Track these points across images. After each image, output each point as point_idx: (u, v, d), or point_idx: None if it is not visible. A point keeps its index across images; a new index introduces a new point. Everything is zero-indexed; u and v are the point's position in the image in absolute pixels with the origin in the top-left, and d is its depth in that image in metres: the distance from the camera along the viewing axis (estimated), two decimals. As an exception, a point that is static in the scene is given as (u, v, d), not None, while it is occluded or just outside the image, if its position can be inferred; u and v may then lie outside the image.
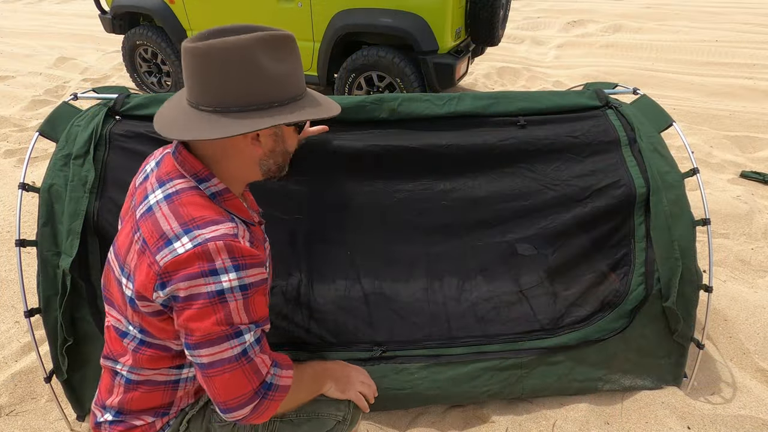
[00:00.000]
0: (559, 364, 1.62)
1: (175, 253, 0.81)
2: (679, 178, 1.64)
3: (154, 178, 0.93)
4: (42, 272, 1.48)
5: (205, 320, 0.81)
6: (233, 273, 0.82)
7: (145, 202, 0.90)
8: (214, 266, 0.81)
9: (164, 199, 0.87)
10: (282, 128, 0.95)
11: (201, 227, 0.83)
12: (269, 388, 0.89)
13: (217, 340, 0.83)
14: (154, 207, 0.87)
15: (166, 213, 0.85)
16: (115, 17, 4.44)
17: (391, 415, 1.67)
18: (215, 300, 0.81)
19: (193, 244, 0.81)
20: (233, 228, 0.86)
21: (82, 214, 1.49)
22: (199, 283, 0.81)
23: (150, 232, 0.85)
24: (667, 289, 1.56)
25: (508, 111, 1.84)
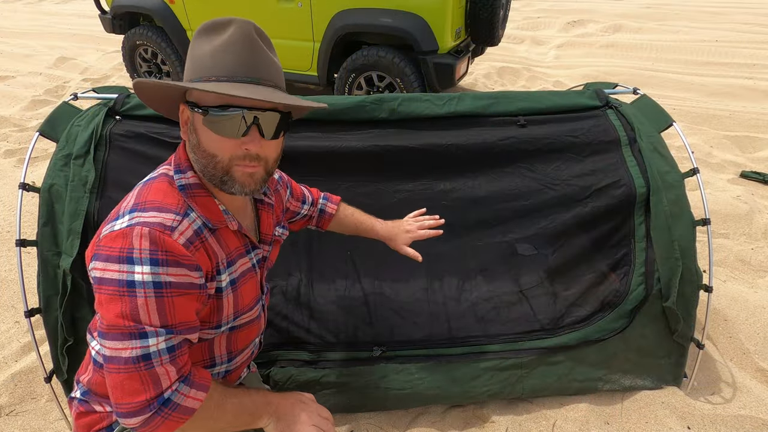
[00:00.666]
0: (559, 364, 1.62)
1: (111, 228, 0.80)
2: (679, 178, 1.64)
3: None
4: (42, 272, 1.48)
5: (110, 309, 0.77)
6: (148, 266, 0.77)
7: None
8: (132, 254, 0.77)
9: (146, 180, 0.90)
10: (194, 116, 0.85)
11: (144, 210, 0.81)
12: (166, 404, 0.79)
13: (119, 335, 0.77)
14: (137, 186, 0.90)
15: (133, 193, 0.87)
16: (115, 17, 4.44)
17: (391, 415, 1.67)
18: (123, 290, 0.76)
19: (127, 224, 0.79)
20: (174, 220, 0.82)
21: (82, 214, 1.49)
22: (112, 268, 0.77)
23: (114, 213, 0.85)
24: (667, 289, 1.56)
25: (508, 111, 1.85)
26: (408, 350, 1.84)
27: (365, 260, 2.35)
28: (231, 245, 0.95)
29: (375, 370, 1.58)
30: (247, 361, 1.12)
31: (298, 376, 1.55)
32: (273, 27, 3.85)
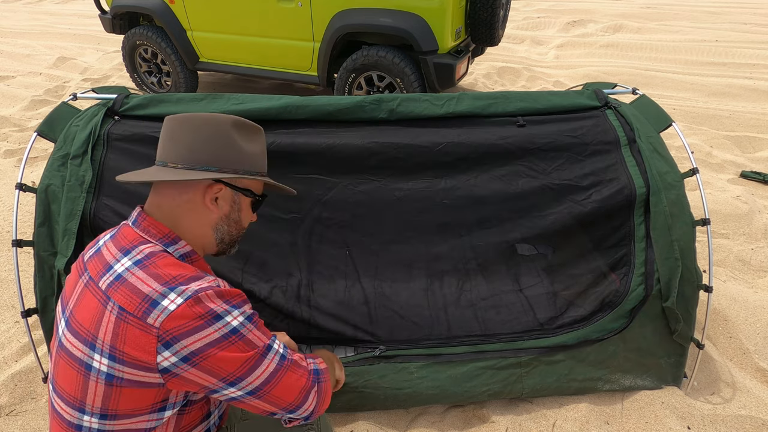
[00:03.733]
0: (558, 364, 1.62)
1: (167, 311, 0.79)
2: (678, 178, 1.64)
3: (113, 247, 0.89)
4: (39, 272, 1.47)
5: (235, 355, 0.83)
6: (235, 311, 0.86)
7: (109, 272, 0.84)
8: (215, 312, 0.82)
9: (135, 265, 0.84)
10: (240, 198, 1.02)
11: (185, 283, 0.83)
12: (317, 373, 0.97)
13: (256, 363, 0.86)
14: (125, 274, 0.83)
15: (142, 277, 0.82)
16: (115, 17, 4.44)
17: (391, 414, 1.67)
18: (233, 338, 0.83)
19: (183, 298, 0.80)
20: (213, 280, 0.88)
21: (78, 214, 1.49)
22: (208, 333, 0.81)
23: (128, 298, 0.80)
24: (667, 290, 1.56)
25: (508, 111, 1.85)
26: (408, 349, 1.84)
27: (365, 260, 2.35)
28: None
29: (375, 369, 1.58)
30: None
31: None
32: (273, 27, 3.85)
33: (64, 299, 0.92)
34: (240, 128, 1.00)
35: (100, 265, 0.87)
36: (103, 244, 0.93)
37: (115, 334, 0.79)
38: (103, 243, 0.93)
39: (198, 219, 0.97)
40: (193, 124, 0.96)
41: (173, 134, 0.96)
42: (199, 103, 1.74)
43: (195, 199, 0.95)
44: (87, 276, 0.88)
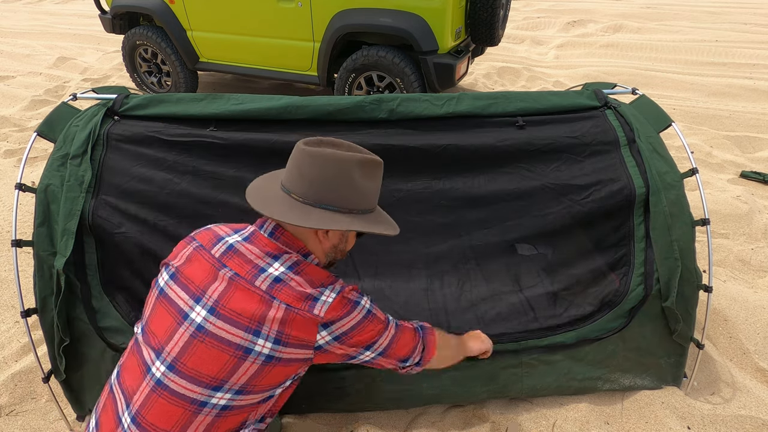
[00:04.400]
0: (558, 363, 1.62)
1: (327, 303, 1.04)
2: (678, 179, 1.64)
3: (256, 250, 1.07)
4: (38, 272, 1.47)
5: (373, 329, 1.11)
6: (363, 298, 1.13)
7: (264, 274, 1.03)
8: (354, 300, 1.09)
9: (289, 271, 1.05)
10: (350, 235, 1.22)
11: (332, 284, 1.09)
12: (421, 329, 1.27)
13: (383, 330, 1.14)
14: (284, 278, 1.04)
15: (300, 281, 1.05)
16: (115, 17, 4.44)
17: (391, 414, 1.67)
18: (369, 317, 1.11)
19: (335, 293, 1.06)
20: (340, 280, 1.14)
21: (77, 214, 1.49)
22: (354, 315, 1.08)
23: (293, 298, 1.02)
24: (667, 289, 1.56)
25: (508, 111, 1.84)
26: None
27: (365, 260, 2.35)
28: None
29: (376, 370, 1.58)
30: None
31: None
32: (273, 27, 3.85)
33: (195, 288, 1.04)
34: (363, 167, 1.08)
35: (248, 266, 1.04)
36: (236, 243, 1.09)
37: (283, 322, 0.99)
38: (237, 243, 1.09)
39: (314, 243, 1.14)
40: (322, 159, 1.05)
41: (301, 166, 1.06)
42: (199, 103, 1.74)
43: (311, 232, 1.12)
44: (231, 272, 1.04)
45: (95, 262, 1.53)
